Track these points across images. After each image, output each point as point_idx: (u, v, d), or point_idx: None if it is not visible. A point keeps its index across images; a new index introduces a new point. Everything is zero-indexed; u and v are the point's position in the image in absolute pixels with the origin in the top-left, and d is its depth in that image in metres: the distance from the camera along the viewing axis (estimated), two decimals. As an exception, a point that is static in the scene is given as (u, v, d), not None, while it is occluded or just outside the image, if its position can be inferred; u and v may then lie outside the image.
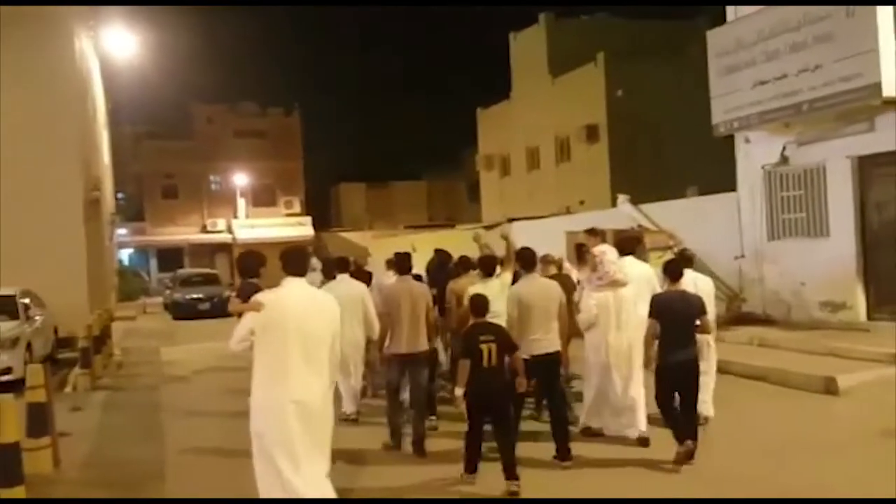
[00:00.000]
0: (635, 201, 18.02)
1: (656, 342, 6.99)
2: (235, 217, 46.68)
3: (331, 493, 5.24)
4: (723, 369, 11.08)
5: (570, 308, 7.87)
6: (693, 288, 7.63)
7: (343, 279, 9.55)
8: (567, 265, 10.65)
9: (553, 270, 9.64)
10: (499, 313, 7.23)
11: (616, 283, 7.59)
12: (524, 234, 21.59)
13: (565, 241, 16.24)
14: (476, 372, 6.51)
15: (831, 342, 10.94)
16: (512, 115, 36.25)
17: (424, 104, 74.17)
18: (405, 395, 8.09)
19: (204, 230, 46.29)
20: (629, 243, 9.09)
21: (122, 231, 38.53)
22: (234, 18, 78.86)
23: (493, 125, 38.28)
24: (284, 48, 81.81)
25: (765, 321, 13.43)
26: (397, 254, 8.63)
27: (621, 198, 17.20)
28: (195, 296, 26.55)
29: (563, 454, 7.04)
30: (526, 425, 7.79)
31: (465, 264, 9.49)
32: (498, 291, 7.63)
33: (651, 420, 7.65)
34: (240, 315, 5.38)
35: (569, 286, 8.40)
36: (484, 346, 6.52)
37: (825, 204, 12.36)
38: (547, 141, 33.77)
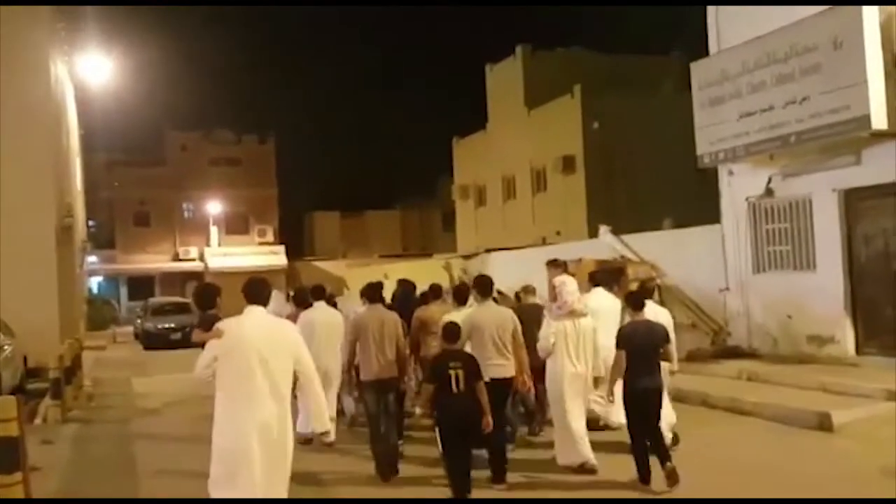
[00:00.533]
0: (615, 232, 17.97)
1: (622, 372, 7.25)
2: (208, 245, 46.15)
3: None
4: (712, 404, 10.99)
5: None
6: (653, 318, 7.81)
7: (320, 306, 9.72)
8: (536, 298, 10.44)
9: (532, 299, 9.77)
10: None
11: (575, 313, 7.81)
12: (501, 265, 21.53)
13: (547, 272, 16.08)
14: (446, 398, 6.79)
15: (822, 377, 10.82)
16: (488, 146, 36.30)
17: (399, 133, 74.43)
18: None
19: (176, 258, 45.71)
20: (600, 275, 9.78)
21: (92, 258, 37.82)
22: (210, 45, 78.74)
23: (468, 155, 38.31)
24: (260, 75, 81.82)
25: (751, 355, 13.31)
26: (368, 283, 8.91)
27: (603, 228, 17.13)
28: (167, 325, 25.99)
29: (497, 477, 7.35)
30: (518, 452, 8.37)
31: (434, 293, 9.70)
32: (500, 314, 7.90)
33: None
34: (203, 345, 5.58)
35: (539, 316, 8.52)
36: (452, 373, 6.78)
37: (811, 237, 12.32)
38: (523, 171, 33.81)
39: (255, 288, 5.75)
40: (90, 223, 38.14)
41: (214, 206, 45.72)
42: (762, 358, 13.06)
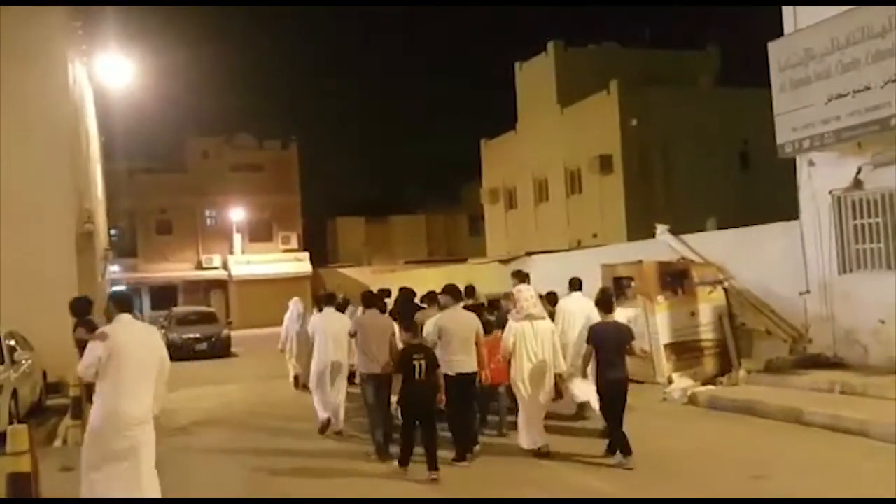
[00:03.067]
0: (673, 232, 16.73)
1: (592, 362, 8.55)
2: (231, 253, 45.23)
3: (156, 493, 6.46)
4: (808, 421, 9.75)
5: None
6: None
7: (328, 312, 11.20)
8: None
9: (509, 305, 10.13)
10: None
11: (531, 317, 8.88)
12: (543, 268, 20.35)
13: (601, 274, 14.93)
14: (409, 383, 8.19)
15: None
16: (518, 147, 35.19)
17: (423, 137, 73.37)
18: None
19: (199, 266, 44.80)
20: (575, 282, 11.16)
21: (114, 268, 36.98)
22: (231, 49, 78.11)
23: (498, 157, 37.22)
24: (282, 79, 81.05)
25: (837, 364, 12.04)
26: (366, 291, 11.44)
27: (660, 228, 15.87)
28: (192, 335, 25.00)
29: (459, 456, 8.58)
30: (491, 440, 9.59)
31: (431, 298, 10.78)
32: (465, 317, 9.15)
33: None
34: (81, 345, 6.84)
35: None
36: (416, 363, 8.17)
37: (909, 232, 11.06)
38: (556, 172, 32.67)
39: (123, 298, 6.80)
40: (112, 231, 37.32)
41: (237, 213, 44.82)
42: (851, 368, 11.79)
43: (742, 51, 49.71)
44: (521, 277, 10.20)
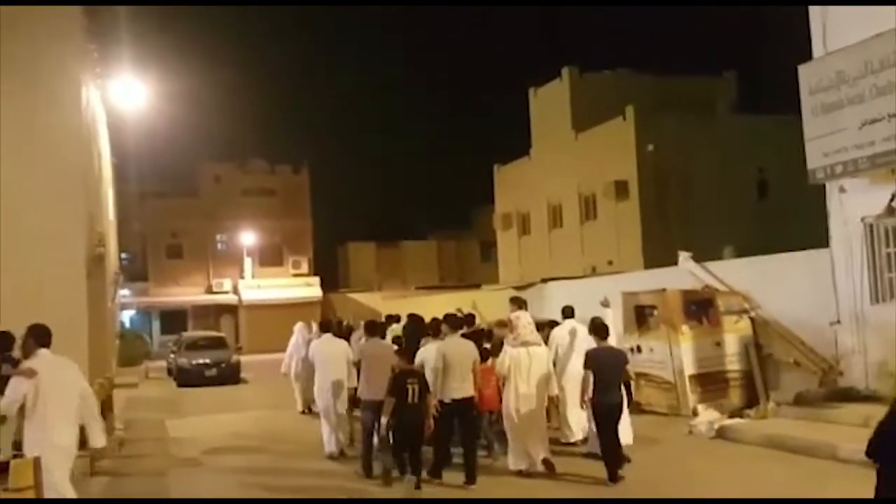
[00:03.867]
0: (674, 263, 16.35)
1: (591, 387, 8.82)
2: (242, 277, 44.97)
3: None
4: (844, 458, 9.28)
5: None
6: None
7: (326, 338, 11.63)
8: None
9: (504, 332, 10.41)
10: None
11: (527, 343, 9.31)
12: (559, 295, 19.96)
13: (622, 302, 14.54)
14: (402, 407, 8.51)
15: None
16: (532, 172, 34.93)
17: (434, 162, 73.33)
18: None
19: (209, 291, 44.56)
20: (568, 310, 11.66)
21: (124, 291, 36.78)
22: (244, 74, 78.48)
23: (511, 182, 36.96)
24: (295, 104, 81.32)
25: (870, 398, 11.56)
26: (369, 320, 11.66)
27: (683, 255, 15.48)
28: (202, 361, 24.65)
29: (470, 479, 8.89)
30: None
31: (436, 327, 10.91)
32: (464, 346, 9.51)
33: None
34: (7, 379, 6.82)
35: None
36: (409, 387, 8.52)
37: (946, 261, 10.66)
38: (570, 198, 32.35)
39: (42, 332, 6.97)
40: (122, 255, 37.15)
41: (248, 238, 44.62)
42: (884, 401, 11.25)
43: (758, 78, 49.67)
44: (519, 304, 10.32)
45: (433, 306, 24.37)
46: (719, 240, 21.24)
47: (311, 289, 44.89)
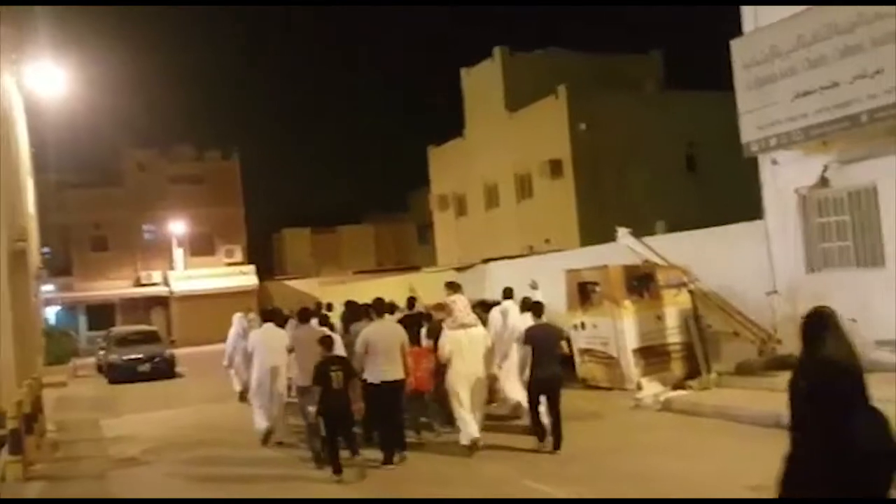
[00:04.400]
0: (609, 239, 16.52)
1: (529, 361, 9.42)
2: (172, 268, 43.79)
3: None
4: (783, 425, 9.40)
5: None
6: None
7: (267, 327, 11.63)
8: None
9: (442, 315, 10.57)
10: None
11: (465, 325, 9.66)
12: (500, 275, 19.95)
13: (566, 279, 14.59)
14: (328, 394, 8.67)
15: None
16: (467, 153, 34.83)
17: (368, 145, 72.69)
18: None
19: (138, 283, 43.27)
20: (507, 291, 12.16)
21: (47, 287, 35.43)
22: (167, 57, 76.23)
23: (446, 164, 36.80)
24: (221, 88, 79.38)
25: (807, 364, 11.84)
26: (302, 308, 11.84)
27: (621, 231, 15.60)
28: (134, 356, 23.90)
29: (387, 458, 9.13)
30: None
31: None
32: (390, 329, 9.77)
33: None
34: None
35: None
36: (333, 374, 8.70)
37: (878, 229, 10.93)
38: (506, 178, 32.37)
39: None
40: (44, 249, 35.75)
41: (177, 227, 43.38)
42: (822, 368, 11.62)
43: (688, 54, 50.46)
44: (455, 288, 10.61)
45: (375, 291, 24.06)
46: (652, 214, 21.52)
47: (245, 277, 44.02)
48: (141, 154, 44.15)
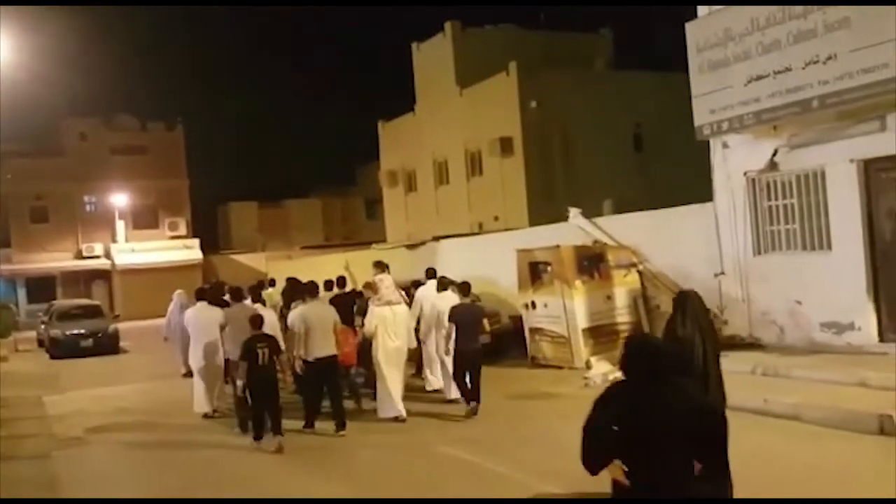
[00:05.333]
0: (559, 218, 16.63)
1: (453, 336, 10.38)
2: (114, 241, 42.79)
3: None
4: (737, 406, 9.51)
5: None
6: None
7: (201, 306, 12.16)
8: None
9: (370, 293, 11.08)
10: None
11: (391, 303, 10.40)
12: (451, 253, 19.95)
13: (517, 259, 14.64)
14: (253, 369, 9.31)
15: (858, 370, 9.66)
16: (417, 128, 34.62)
17: (316, 118, 71.69)
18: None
19: (79, 256, 42.17)
20: (431, 271, 12.79)
21: (-16, 259, 34.37)
22: (110, 24, 73.89)
23: (396, 139, 36.55)
24: (165, 57, 77.33)
25: (753, 345, 12.15)
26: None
27: (573, 211, 15.70)
28: (77, 331, 23.36)
29: (339, 426, 9.87)
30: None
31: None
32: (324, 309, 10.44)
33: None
34: None
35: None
36: (259, 351, 9.33)
37: (825, 213, 11.18)
38: (456, 155, 32.30)
39: None
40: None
41: (119, 199, 42.28)
42: (767, 349, 11.92)
43: (638, 34, 50.80)
44: (382, 268, 11.24)
45: (321, 266, 23.94)
46: (599, 194, 21.66)
47: (190, 251, 43.21)
48: (83, 124, 42.91)
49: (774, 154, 11.55)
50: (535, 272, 14.40)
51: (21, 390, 15.98)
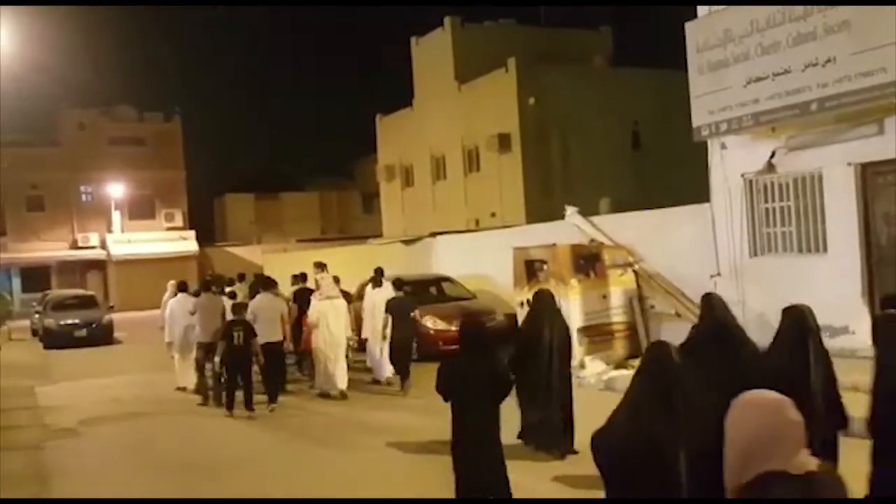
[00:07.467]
0: (555, 215, 16.60)
1: (390, 324, 12.45)
2: (110, 231, 42.71)
3: None
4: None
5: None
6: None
7: (181, 296, 13.76)
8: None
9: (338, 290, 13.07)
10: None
11: (330, 297, 12.25)
12: (447, 249, 19.91)
13: (513, 257, 14.62)
14: (229, 349, 11.14)
15: (851, 374, 9.62)
16: (415, 123, 34.55)
17: (314, 111, 71.61)
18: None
19: (74, 246, 42.11)
20: (379, 270, 14.04)
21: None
22: (110, 14, 73.65)
23: (394, 134, 36.48)
24: (165, 48, 77.10)
25: (747, 346, 12.11)
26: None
27: (569, 210, 15.67)
28: (70, 321, 23.35)
29: (271, 400, 11.66)
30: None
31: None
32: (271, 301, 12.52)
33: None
34: None
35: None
36: (235, 333, 11.11)
37: (821, 216, 11.18)
38: (454, 150, 32.25)
39: None
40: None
41: (116, 189, 42.19)
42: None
43: (638, 32, 50.73)
44: (322, 267, 13.09)
45: (318, 260, 23.71)
46: (596, 191, 21.65)
47: (186, 243, 43.15)
48: (81, 114, 42.81)
49: (772, 156, 11.54)
50: (530, 270, 14.37)
51: (13, 380, 15.95)
